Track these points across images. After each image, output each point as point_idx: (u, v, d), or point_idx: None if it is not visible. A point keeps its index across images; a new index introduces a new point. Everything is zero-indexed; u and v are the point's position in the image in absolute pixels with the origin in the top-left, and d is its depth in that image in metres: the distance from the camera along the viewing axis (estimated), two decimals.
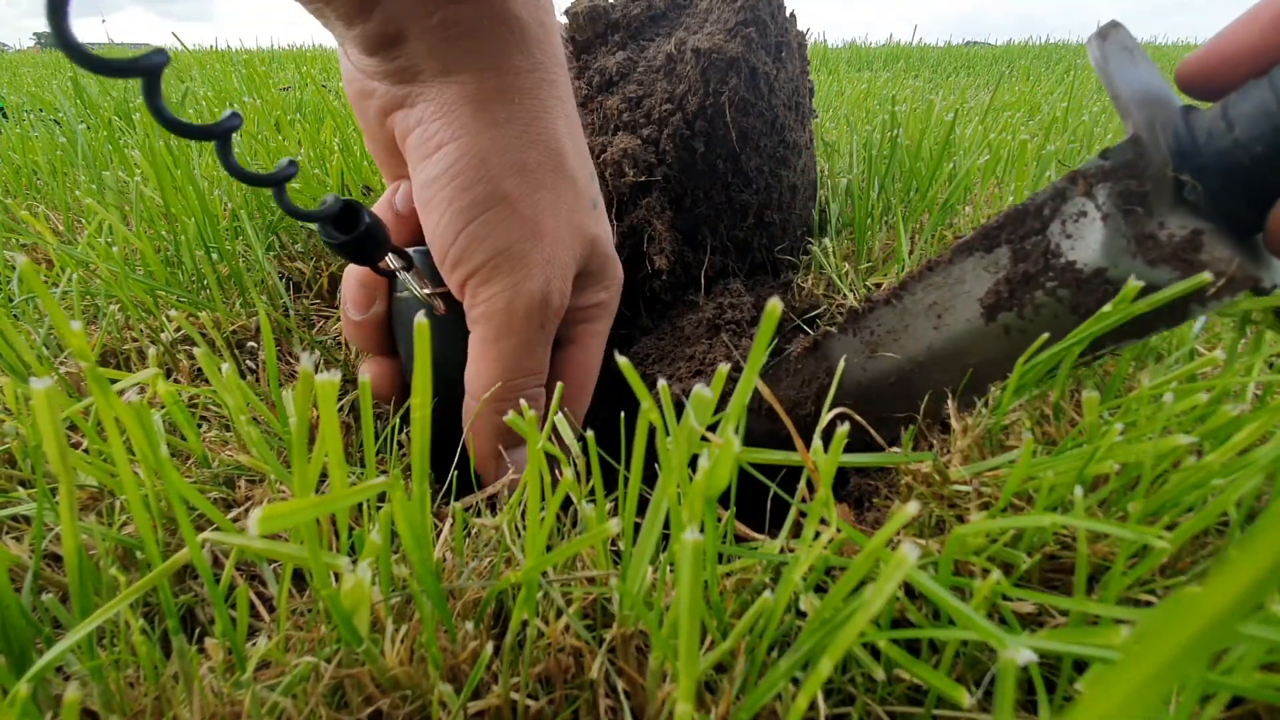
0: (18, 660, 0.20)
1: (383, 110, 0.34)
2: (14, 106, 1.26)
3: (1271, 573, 0.06)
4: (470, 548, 0.28)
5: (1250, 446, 0.24)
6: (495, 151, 0.32)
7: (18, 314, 0.48)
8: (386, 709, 0.21)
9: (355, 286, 0.38)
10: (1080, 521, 0.20)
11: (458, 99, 0.32)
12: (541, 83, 0.34)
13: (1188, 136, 0.29)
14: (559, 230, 0.34)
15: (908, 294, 0.35)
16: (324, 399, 0.17)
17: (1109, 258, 0.30)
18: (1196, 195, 0.28)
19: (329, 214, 0.32)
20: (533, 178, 0.33)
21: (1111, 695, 0.07)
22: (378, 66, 0.33)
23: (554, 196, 0.34)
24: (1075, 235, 0.31)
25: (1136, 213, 0.30)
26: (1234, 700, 0.22)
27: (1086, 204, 0.31)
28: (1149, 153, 0.29)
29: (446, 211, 0.33)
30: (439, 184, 0.33)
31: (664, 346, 0.49)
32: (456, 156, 0.32)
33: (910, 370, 0.35)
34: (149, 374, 0.26)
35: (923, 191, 0.66)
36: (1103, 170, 0.30)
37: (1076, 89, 1.61)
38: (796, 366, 0.39)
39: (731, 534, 0.27)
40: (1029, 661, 0.13)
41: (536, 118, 0.34)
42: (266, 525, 0.15)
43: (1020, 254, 0.32)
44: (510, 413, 0.23)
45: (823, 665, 0.15)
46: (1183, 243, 0.29)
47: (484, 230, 0.33)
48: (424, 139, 0.33)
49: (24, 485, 0.34)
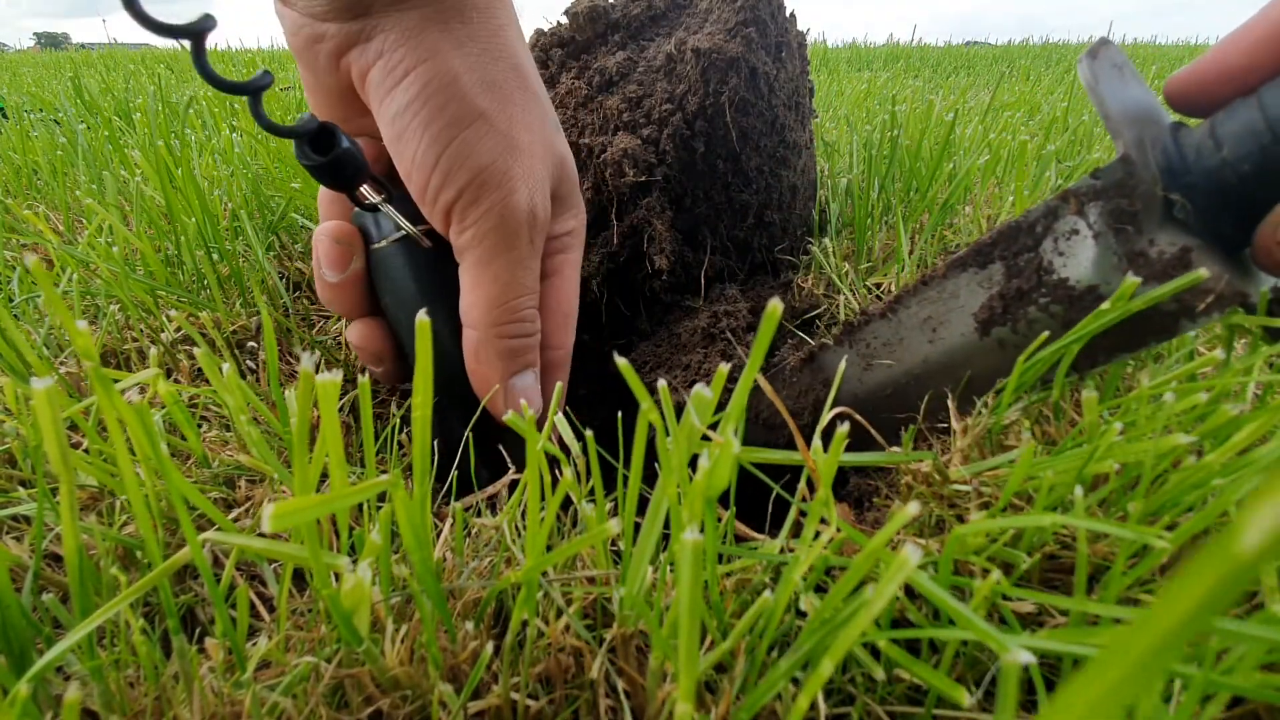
0: (18, 660, 0.20)
1: (336, 52, 0.33)
2: (14, 106, 1.26)
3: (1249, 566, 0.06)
4: (470, 548, 0.28)
5: (1250, 446, 0.24)
6: (464, 69, 0.32)
7: (18, 314, 0.48)
8: (386, 709, 0.21)
9: (329, 243, 0.36)
10: (1080, 521, 0.20)
11: (419, 22, 0.32)
12: (493, 1, 0.34)
13: (1176, 155, 0.29)
14: (533, 145, 0.34)
15: (902, 307, 0.36)
16: (325, 399, 0.17)
17: (1100, 275, 0.31)
18: (1186, 213, 0.29)
19: (305, 131, 0.32)
20: (502, 93, 0.33)
21: (1087, 693, 0.07)
22: (328, 4, 0.32)
23: (523, 111, 0.34)
24: (1067, 253, 0.32)
25: (1127, 231, 0.30)
26: (1234, 700, 0.22)
27: (1078, 222, 0.31)
28: (1139, 172, 0.30)
29: (424, 136, 0.32)
30: (412, 110, 0.32)
31: (661, 354, 0.49)
32: (426, 79, 0.32)
33: (905, 382, 0.36)
34: (150, 374, 0.26)
35: (923, 191, 0.66)
36: (1094, 189, 0.31)
37: (1076, 89, 1.61)
38: (792, 379, 0.40)
39: (732, 534, 0.27)
40: (1028, 663, 0.13)
41: (496, 33, 0.34)
42: (278, 523, 0.15)
43: (1014, 270, 0.33)
44: (510, 412, 0.23)
45: (824, 666, 0.15)
46: (1172, 260, 0.29)
47: (465, 149, 0.32)
48: (389, 69, 0.32)
49: (24, 485, 0.34)
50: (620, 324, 0.57)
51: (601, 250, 0.52)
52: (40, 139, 0.89)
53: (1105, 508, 0.26)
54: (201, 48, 0.28)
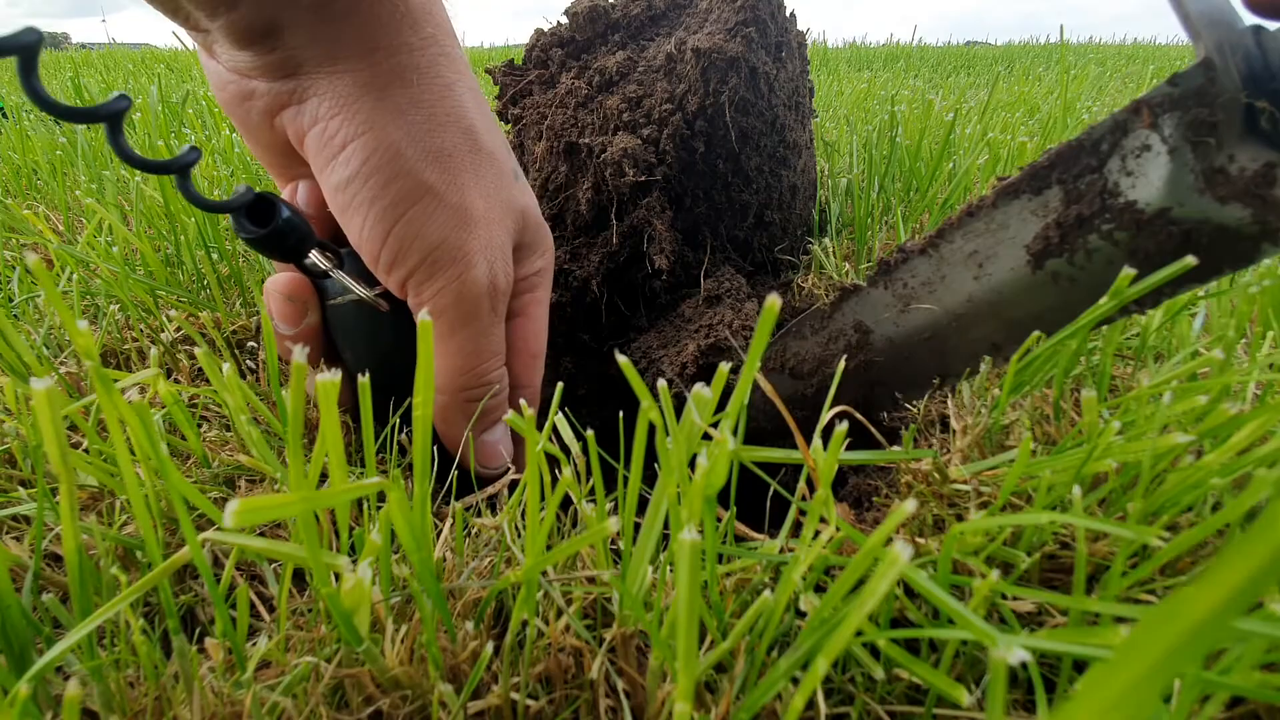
0: (18, 660, 0.20)
1: (268, 111, 0.31)
2: (14, 107, 1.26)
3: (1266, 570, 0.06)
4: (470, 548, 0.28)
5: (1250, 446, 0.24)
6: (407, 141, 0.30)
7: (17, 314, 0.48)
8: (386, 709, 0.21)
9: (281, 301, 0.35)
10: (1079, 520, 0.20)
11: (353, 89, 0.30)
12: (438, 58, 0.31)
13: (1260, 60, 0.27)
14: (490, 211, 0.33)
15: (945, 242, 0.33)
16: (324, 398, 0.17)
17: (1174, 195, 0.28)
18: (1273, 122, 0.26)
19: (240, 204, 0.30)
20: (451, 162, 0.31)
21: (1106, 692, 0.07)
22: (254, 61, 0.30)
23: (476, 177, 0.32)
24: (1137, 172, 0.29)
25: (1207, 144, 0.27)
26: (1234, 700, 0.22)
27: (1151, 137, 0.28)
28: (1221, 78, 0.27)
29: (369, 214, 0.30)
30: (354, 186, 0.30)
31: (666, 335, 0.49)
32: (367, 154, 0.30)
33: (947, 324, 0.33)
34: (150, 374, 0.26)
35: (922, 191, 0.66)
36: (1171, 98, 0.28)
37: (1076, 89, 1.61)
38: (822, 323, 0.37)
39: (731, 534, 0.27)
40: (1023, 661, 0.13)
41: (441, 97, 0.31)
42: (242, 519, 0.14)
43: (1073, 195, 0.30)
44: (510, 412, 0.23)
45: (818, 665, 0.15)
46: (1255, 177, 0.27)
47: (413, 228, 0.31)
48: (326, 138, 0.30)
49: (24, 485, 0.34)
50: (619, 324, 0.57)
51: (601, 250, 0.52)
52: (40, 139, 0.89)
53: (1104, 507, 0.26)
54: (118, 127, 0.26)
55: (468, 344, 0.33)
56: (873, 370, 0.35)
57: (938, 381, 0.33)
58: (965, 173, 0.62)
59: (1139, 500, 0.23)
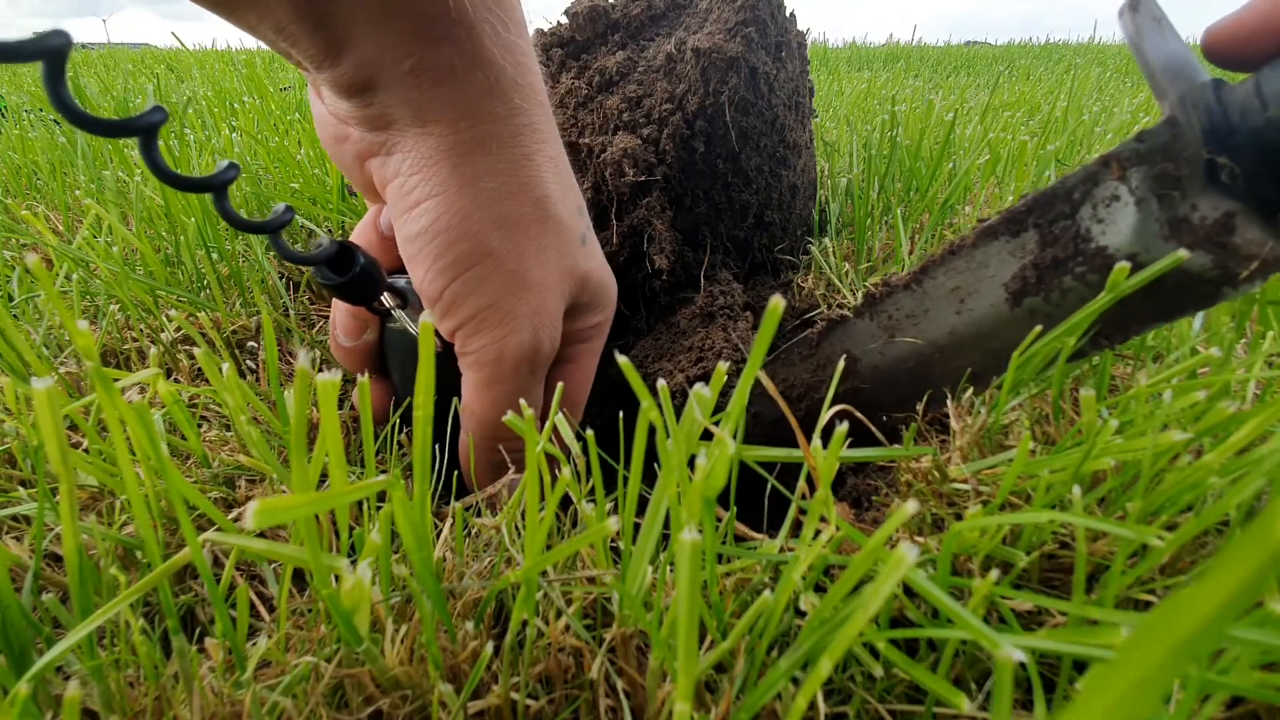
0: (18, 660, 0.20)
1: (359, 155, 0.34)
2: (14, 107, 1.26)
3: (1265, 570, 0.06)
4: (470, 548, 0.28)
5: (1249, 445, 0.24)
6: (476, 208, 0.32)
7: (17, 314, 0.48)
8: (386, 709, 0.21)
9: (346, 316, 0.38)
10: (1078, 519, 0.20)
11: (434, 153, 0.32)
12: (521, 129, 0.33)
13: (1220, 115, 0.28)
14: (547, 279, 0.34)
15: (928, 278, 0.35)
16: (324, 398, 0.17)
17: (1141, 242, 0.30)
18: (1232, 176, 0.28)
19: (325, 257, 0.32)
20: (516, 230, 0.33)
21: (1108, 694, 0.07)
22: (352, 111, 0.32)
23: (539, 245, 0.34)
24: (1107, 220, 0.30)
25: (1171, 196, 0.29)
26: (1234, 700, 0.22)
27: (1120, 188, 0.30)
28: (1185, 134, 0.29)
29: (431, 268, 0.33)
30: (422, 240, 0.32)
31: (662, 345, 0.49)
32: (437, 215, 0.32)
33: (930, 355, 0.35)
34: (149, 374, 0.26)
35: (923, 191, 0.66)
36: (1138, 153, 0.30)
37: (1076, 89, 1.61)
38: (810, 351, 0.39)
39: (731, 534, 0.27)
40: (1020, 661, 0.13)
41: (517, 166, 0.33)
42: (262, 519, 0.15)
43: (1049, 238, 0.32)
44: (510, 413, 0.23)
45: (822, 665, 0.15)
46: (1215, 225, 0.28)
47: (469, 287, 0.33)
48: (403, 192, 0.33)
49: (24, 485, 0.34)
50: (618, 325, 0.57)
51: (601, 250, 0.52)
52: (39, 139, 0.89)
53: (1104, 506, 0.26)
54: (152, 142, 0.26)
55: (501, 399, 0.34)
56: (860, 395, 0.37)
57: (921, 405, 0.35)
58: (965, 173, 0.62)
59: (1138, 499, 0.23)
